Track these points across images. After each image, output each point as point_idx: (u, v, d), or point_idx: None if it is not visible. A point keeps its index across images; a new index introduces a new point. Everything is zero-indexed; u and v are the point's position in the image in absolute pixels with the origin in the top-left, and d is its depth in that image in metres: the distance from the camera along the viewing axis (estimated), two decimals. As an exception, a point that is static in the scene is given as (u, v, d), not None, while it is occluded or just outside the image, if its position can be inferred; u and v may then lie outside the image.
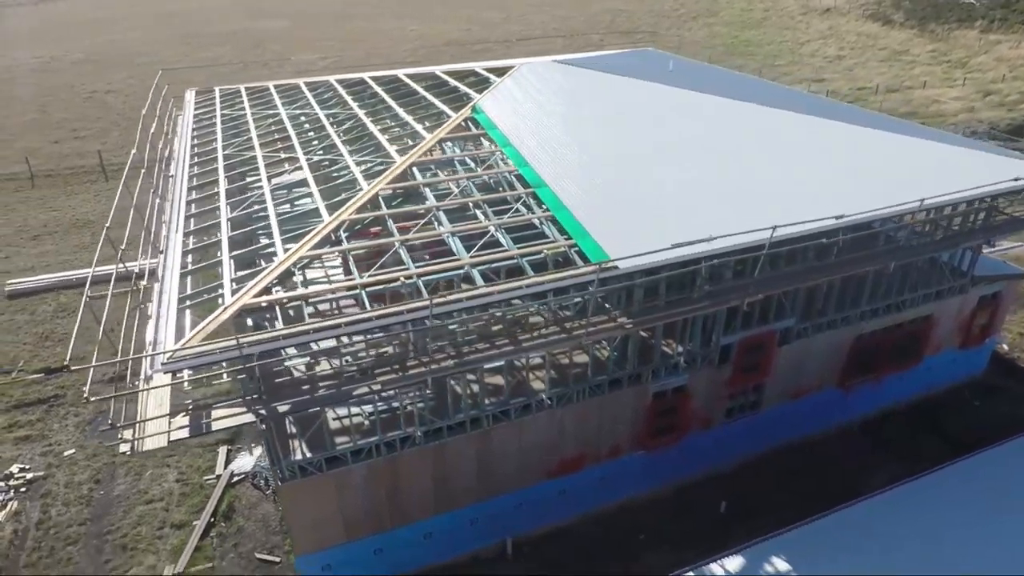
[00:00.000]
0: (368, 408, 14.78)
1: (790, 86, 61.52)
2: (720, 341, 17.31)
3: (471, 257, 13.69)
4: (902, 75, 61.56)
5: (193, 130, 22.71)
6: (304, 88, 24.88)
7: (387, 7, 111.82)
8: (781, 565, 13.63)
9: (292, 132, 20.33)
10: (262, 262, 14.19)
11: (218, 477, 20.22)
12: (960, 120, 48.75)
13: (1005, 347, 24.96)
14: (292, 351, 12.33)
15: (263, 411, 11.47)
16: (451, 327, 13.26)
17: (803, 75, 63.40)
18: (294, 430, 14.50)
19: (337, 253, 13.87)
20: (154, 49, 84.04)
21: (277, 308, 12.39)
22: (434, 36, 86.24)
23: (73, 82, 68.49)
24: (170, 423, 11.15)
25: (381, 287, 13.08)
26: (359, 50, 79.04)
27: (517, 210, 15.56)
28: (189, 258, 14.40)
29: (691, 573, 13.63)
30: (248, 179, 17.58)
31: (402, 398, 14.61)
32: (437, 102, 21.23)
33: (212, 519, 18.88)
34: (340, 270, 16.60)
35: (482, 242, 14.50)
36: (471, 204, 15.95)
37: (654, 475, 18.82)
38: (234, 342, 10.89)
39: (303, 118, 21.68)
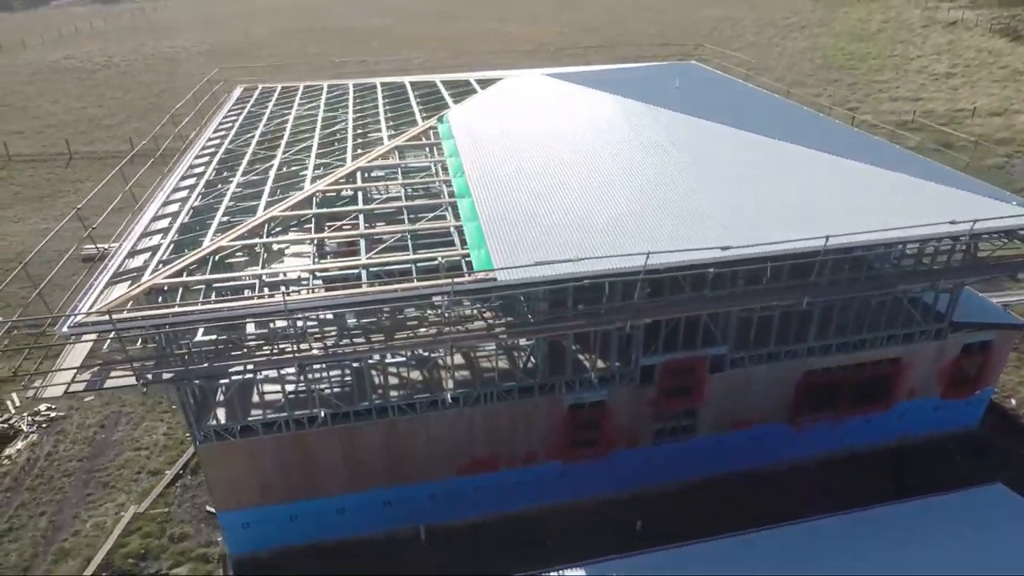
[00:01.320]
0: (289, 388, 16.34)
1: (883, 103, 57.95)
2: (640, 361, 17.44)
3: (368, 258, 14.85)
4: (1014, 97, 56.17)
5: (219, 124, 25.28)
6: (324, 90, 26.91)
7: (494, 8, 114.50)
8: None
9: (288, 132, 22.30)
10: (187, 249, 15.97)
11: (196, 435, 22.64)
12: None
13: (1013, 402, 22.98)
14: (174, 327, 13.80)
15: (148, 376, 13.23)
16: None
17: (900, 92, 59.43)
18: (221, 399, 16.34)
19: (260, 246, 15.45)
20: (275, 42, 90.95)
21: (180, 289, 14.12)
22: (528, 39, 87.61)
23: (193, 71, 75.73)
24: (74, 378, 13.12)
25: (279, 279, 14.53)
26: (450, 50, 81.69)
27: (437, 217, 16.54)
28: (144, 240, 16.46)
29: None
30: (226, 174, 19.59)
31: (313, 381, 16.07)
32: (417, 110, 22.47)
33: (181, 471, 21.24)
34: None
35: (384, 245, 15.63)
36: (397, 209, 17.09)
37: (576, 486, 19.16)
38: (118, 316, 12.72)
39: (304, 119, 23.61)
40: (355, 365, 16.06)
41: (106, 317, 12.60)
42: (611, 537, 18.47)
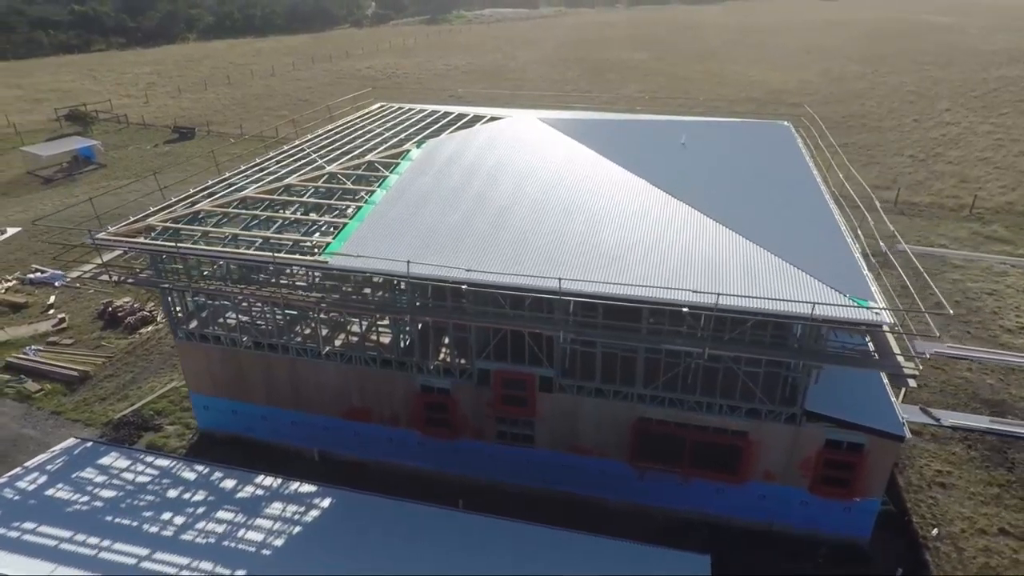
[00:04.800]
0: (243, 318, 23.01)
1: None
2: (476, 363, 20.61)
3: (270, 232, 20.77)
4: None
5: (331, 129, 33.19)
6: (414, 110, 33.28)
7: (752, 52, 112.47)
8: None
9: (340, 136, 29.07)
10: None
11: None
12: None
13: (935, 531, 20.37)
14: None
15: (130, 280, 20.80)
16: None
17: None
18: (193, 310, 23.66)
19: (228, 213, 22.26)
20: (529, 68, 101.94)
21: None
22: (765, 85, 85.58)
23: (432, 87, 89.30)
24: (92, 269, 21.16)
25: (225, 237, 21.07)
26: (677, 89, 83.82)
27: (340, 214, 21.76)
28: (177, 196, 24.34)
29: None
30: (266, 161, 26.87)
31: (257, 314, 22.47)
32: (418, 136, 27.50)
33: (217, 370, 29.42)
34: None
35: (279, 225, 21.39)
36: (317, 204, 22.47)
37: (433, 458, 22.76)
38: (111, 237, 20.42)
39: (361, 130, 30.16)
40: (264, 309, 22.05)
41: (111, 238, 20.41)
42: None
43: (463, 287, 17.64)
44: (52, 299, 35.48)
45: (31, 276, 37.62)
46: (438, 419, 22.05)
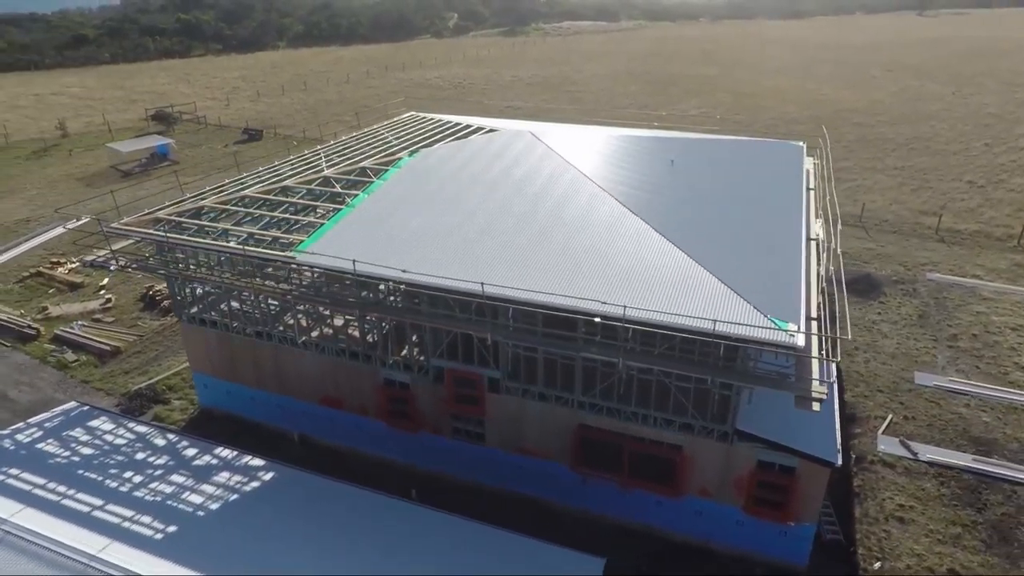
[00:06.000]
0: (235, 305, 25.17)
1: None
2: (431, 361, 21.82)
3: (256, 229, 22.73)
4: None
5: (364, 132, 35.24)
6: (438, 120, 34.95)
7: (830, 70, 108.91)
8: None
9: (352, 148, 31.03)
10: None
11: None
12: None
13: (877, 565, 19.91)
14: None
15: (134, 265, 23.27)
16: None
17: None
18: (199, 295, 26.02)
19: (227, 210, 24.45)
20: (592, 81, 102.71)
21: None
22: (831, 103, 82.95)
23: (493, 97, 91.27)
24: (105, 254, 23.71)
25: (218, 231, 23.20)
26: (738, 106, 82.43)
27: (320, 214, 23.51)
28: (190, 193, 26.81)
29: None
30: (282, 163, 29.08)
31: (246, 303, 24.55)
32: (418, 144, 28.91)
33: (229, 354, 31.91)
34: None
35: (263, 222, 23.28)
36: (304, 205, 24.24)
37: (398, 450, 24.10)
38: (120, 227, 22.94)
39: (380, 141, 32.01)
40: (252, 299, 24.04)
41: (120, 227, 22.99)
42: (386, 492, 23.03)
43: (401, 287, 18.92)
44: (105, 281, 39.27)
45: (91, 259, 41.73)
46: (400, 412, 23.37)
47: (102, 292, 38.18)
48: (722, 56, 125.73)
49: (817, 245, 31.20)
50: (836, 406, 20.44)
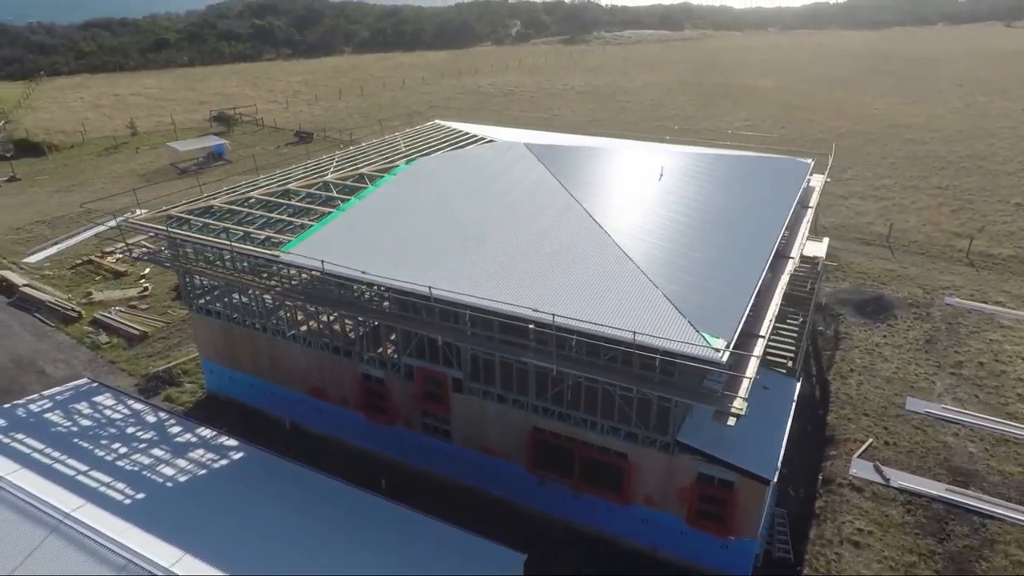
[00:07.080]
0: (236, 297, 27.21)
1: None
2: (402, 359, 23.11)
3: (252, 228, 24.56)
4: None
5: (384, 140, 37.03)
6: (454, 130, 36.35)
7: (890, 83, 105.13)
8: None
9: (360, 154, 32.74)
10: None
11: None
12: None
13: (822, 587, 19.92)
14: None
15: (145, 257, 25.51)
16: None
17: None
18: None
19: (232, 209, 26.46)
20: (641, 90, 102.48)
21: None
22: (884, 118, 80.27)
23: (531, 107, 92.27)
24: (120, 247, 26.16)
25: (221, 229, 25.19)
26: (785, 119, 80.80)
27: (313, 216, 25.14)
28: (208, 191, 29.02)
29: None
30: (297, 166, 31.04)
31: (245, 296, 26.53)
32: (421, 153, 30.32)
33: (244, 344, 34.15)
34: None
35: (260, 224, 25.09)
36: (301, 208, 25.90)
37: (375, 441, 25.49)
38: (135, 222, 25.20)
39: (389, 148, 33.63)
40: (251, 293, 25.92)
41: (134, 222, 25.33)
42: (360, 481, 24.37)
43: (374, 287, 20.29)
44: (147, 270, 42.46)
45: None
46: (376, 405, 24.76)
47: (142, 281, 41.32)
48: (782, 67, 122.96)
49: (817, 263, 31.10)
50: (788, 424, 20.62)
